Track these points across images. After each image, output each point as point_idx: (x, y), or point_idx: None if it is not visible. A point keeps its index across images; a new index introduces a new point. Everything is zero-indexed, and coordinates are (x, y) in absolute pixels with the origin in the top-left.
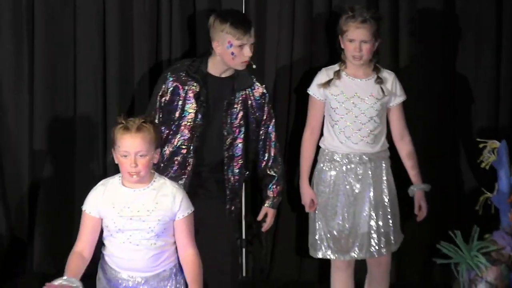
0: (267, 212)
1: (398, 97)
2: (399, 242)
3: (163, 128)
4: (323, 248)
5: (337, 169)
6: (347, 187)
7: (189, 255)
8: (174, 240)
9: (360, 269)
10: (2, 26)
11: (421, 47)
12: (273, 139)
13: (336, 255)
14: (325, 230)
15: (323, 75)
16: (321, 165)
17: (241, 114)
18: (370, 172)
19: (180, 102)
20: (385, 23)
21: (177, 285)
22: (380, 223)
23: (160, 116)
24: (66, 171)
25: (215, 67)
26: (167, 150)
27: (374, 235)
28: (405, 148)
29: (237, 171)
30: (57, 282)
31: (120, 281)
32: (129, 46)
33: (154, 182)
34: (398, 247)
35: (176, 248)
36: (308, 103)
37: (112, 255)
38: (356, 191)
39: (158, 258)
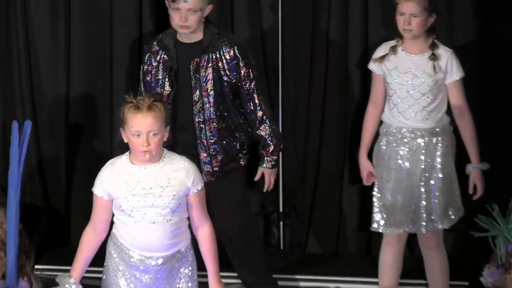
0: (264, 172)
1: (454, 75)
2: (452, 220)
3: None
4: (376, 221)
5: (391, 143)
6: (399, 161)
7: (204, 231)
8: (187, 215)
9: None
10: (39, 3)
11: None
12: (256, 100)
13: (389, 229)
14: (380, 203)
15: (381, 50)
16: (379, 138)
17: (210, 77)
18: (422, 148)
19: (153, 72)
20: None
21: (190, 267)
22: (431, 199)
23: (142, 87)
24: (102, 143)
25: (183, 34)
26: None
27: (423, 211)
28: (463, 126)
29: (209, 134)
30: (61, 283)
31: (135, 263)
32: (167, 21)
33: (165, 158)
34: (452, 225)
35: (189, 224)
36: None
37: (128, 236)
38: (408, 166)
39: (174, 236)
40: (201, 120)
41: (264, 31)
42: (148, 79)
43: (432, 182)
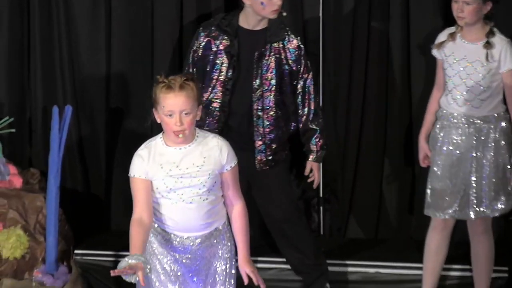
0: (312, 167)
1: (508, 63)
2: (502, 210)
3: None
4: (426, 205)
5: (445, 128)
6: (451, 147)
7: (237, 209)
8: (222, 193)
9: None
10: None
11: None
12: (311, 92)
13: (437, 214)
14: (430, 187)
15: (442, 35)
16: (435, 123)
17: (272, 66)
18: (474, 135)
19: (211, 57)
20: None
21: (229, 242)
22: (482, 187)
23: (194, 71)
24: (143, 126)
25: (247, 20)
26: None
27: (473, 198)
28: None
29: (267, 123)
30: (123, 264)
31: (174, 244)
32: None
33: (198, 137)
34: (502, 214)
35: (223, 202)
36: None
37: (165, 218)
38: (459, 152)
39: (211, 215)
40: (259, 107)
41: (305, 19)
42: (203, 63)
43: (484, 169)
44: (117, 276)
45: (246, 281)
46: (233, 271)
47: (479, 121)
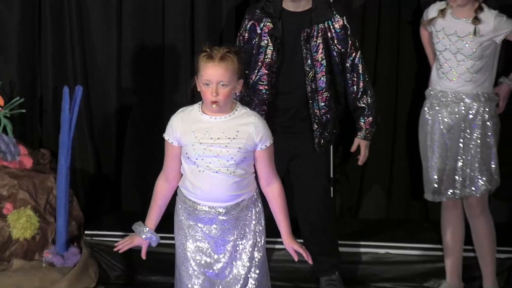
0: (360, 144)
1: (504, 30)
2: (482, 189)
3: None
4: (425, 189)
5: (434, 107)
6: (442, 127)
7: (274, 188)
8: (253, 170)
9: None
10: None
11: None
12: (360, 71)
13: (432, 196)
14: (426, 170)
15: (432, 11)
16: (424, 103)
17: (321, 47)
18: (463, 113)
19: (256, 39)
20: None
21: (257, 215)
22: (466, 165)
23: (243, 53)
24: (154, 109)
25: (289, 2)
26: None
27: (457, 177)
28: None
29: (322, 104)
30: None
31: (200, 213)
32: None
33: (236, 111)
34: (482, 193)
35: (255, 177)
36: None
37: (192, 185)
38: (450, 132)
39: (237, 187)
40: (313, 89)
41: None
42: (249, 46)
43: (470, 149)
44: (128, 257)
45: (296, 258)
46: (262, 243)
47: (468, 100)
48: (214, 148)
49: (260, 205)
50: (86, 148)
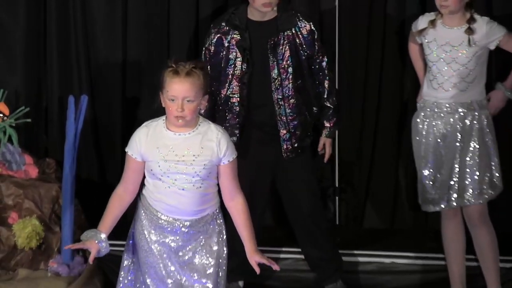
0: (325, 142)
1: (496, 37)
2: (486, 197)
3: (213, 80)
4: (421, 200)
5: (428, 118)
6: (437, 138)
7: (238, 203)
8: (217, 182)
9: None
10: None
11: None
12: (326, 72)
13: (427, 207)
14: (420, 180)
15: (421, 22)
16: (415, 114)
17: (288, 54)
18: (459, 123)
19: (224, 52)
20: None
21: (219, 228)
22: (464, 175)
23: (208, 68)
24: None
25: (254, 13)
26: (219, 101)
27: (456, 186)
28: None
29: (289, 111)
30: (82, 237)
31: (164, 224)
32: None
33: (199, 127)
34: (486, 201)
35: (217, 190)
36: None
37: (157, 199)
38: (445, 142)
39: (202, 202)
40: (280, 97)
41: (322, 9)
42: (216, 60)
43: (467, 158)
44: None
45: (258, 271)
46: (224, 255)
47: (462, 109)
48: (179, 166)
49: (221, 219)
50: (91, 157)
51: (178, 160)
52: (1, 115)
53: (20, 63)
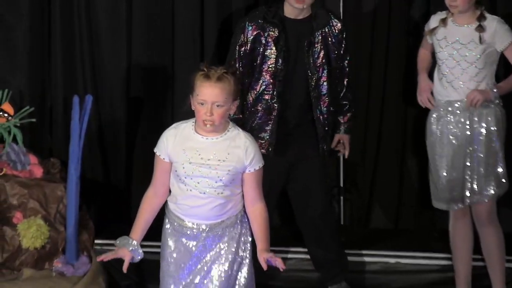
0: (343, 139)
1: (502, 41)
2: (491, 196)
3: (245, 76)
4: (434, 197)
5: (442, 117)
6: (450, 136)
7: (257, 209)
8: (240, 190)
9: None
10: None
11: None
12: (346, 71)
13: (439, 205)
14: (433, 179)
15: (433, 22)
16: (429, 114)
17: (322, 53)
18: (469, 120)
19: (261, 49)
20: None
21: (243, 231)
22: (473, 172)
23: (241, 65)
24: (163, 119)
25: (290, 10)
26: (250, 97)
27: (465, 184)
28: None
29: (325, 109)
30: (116, 244)
31: (184, 229)
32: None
33: (228, 132)
34: (491, 199)
35: (241, 196)
36: None
37: (178, 202)
38: (457, 141)
39: (223, 207)
40: (316, 95)
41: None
42: (252, 56)
43: (476, 155)
44: (138, 266)
45: (265, 267)
46: (248, 259)
47: (472, 107)
48: (203, 169)
49: (246, 224)
50: (96, 157)
51: (203, 164)
52: (6, 115)
53: (25, 63)
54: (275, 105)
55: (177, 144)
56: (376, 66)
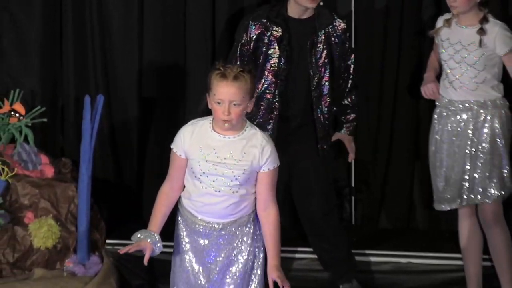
0: (345, 140)
1: (501, 48)
2: (494, 197)
3: None
4: (435, 198)
5: (443, 117)
6: (451, 135)
7: (270, 214)
8: (254, 191)
9: None
10: None
11: None
12: (351, 71)
13: (441, 206)
14: (434, 179)
15: (439, 22)
16: (433, 113)
17: (325, 52)
18: (470, 121)
19: (263, 48)
20: None
21: (256, 231)
22: (474, 173)
23: (238, 62)
24: (175, 118)
25: (294, 9)
26: None
27: (466, 185)
28: None
29: (325, 109)
30: (135, 239)
31: (197, 226)
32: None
33: (245, 132)
34: (500, 198)
35: (255, 197)
36: None
37: (192, 198)
38: (458, 141)
39: (237, 206)
40: (316, 95)
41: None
42: (254, 56)
43: (478, 156)
44: (149, 266)
45: (271, 286)
46: (261, 259)
47: (476, 107)
48: (219, 168)
49: (257, 222)
50: (107, 157)
51: (219, 162)
52: (17, 114)
53: (36, 63)
54: (277, 104)
55: (194, 141)
56: (388, 65)
